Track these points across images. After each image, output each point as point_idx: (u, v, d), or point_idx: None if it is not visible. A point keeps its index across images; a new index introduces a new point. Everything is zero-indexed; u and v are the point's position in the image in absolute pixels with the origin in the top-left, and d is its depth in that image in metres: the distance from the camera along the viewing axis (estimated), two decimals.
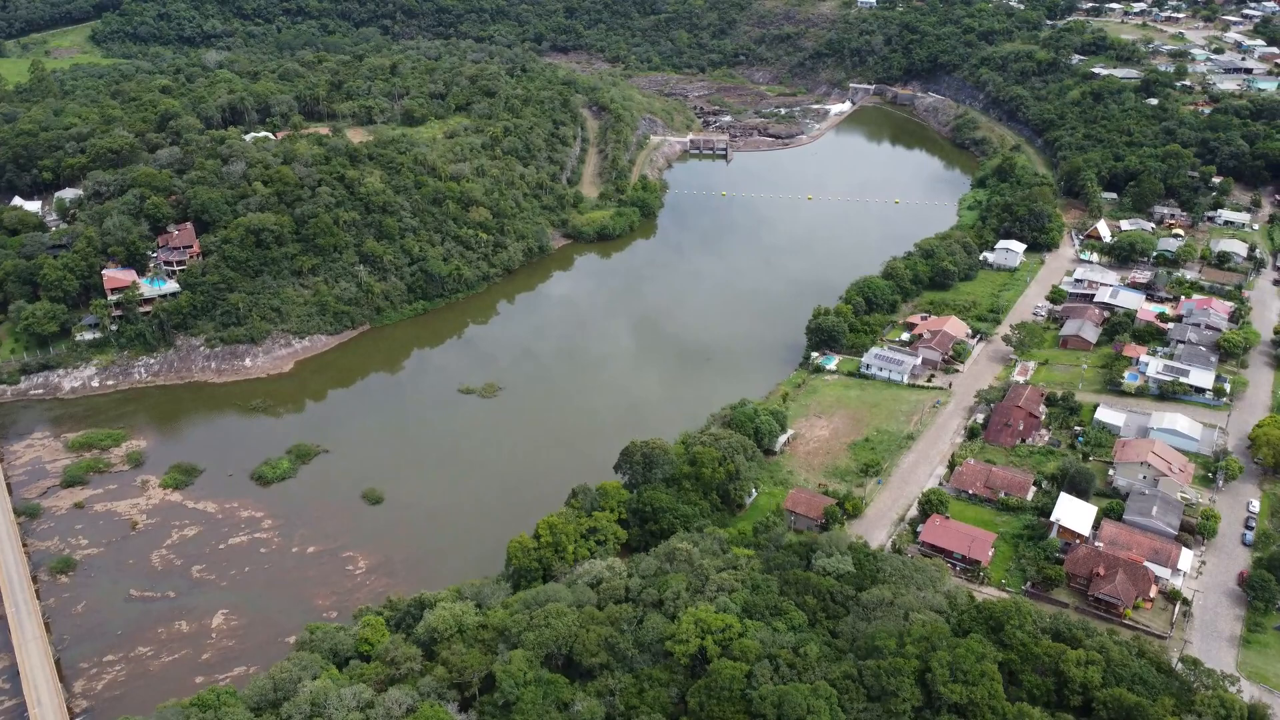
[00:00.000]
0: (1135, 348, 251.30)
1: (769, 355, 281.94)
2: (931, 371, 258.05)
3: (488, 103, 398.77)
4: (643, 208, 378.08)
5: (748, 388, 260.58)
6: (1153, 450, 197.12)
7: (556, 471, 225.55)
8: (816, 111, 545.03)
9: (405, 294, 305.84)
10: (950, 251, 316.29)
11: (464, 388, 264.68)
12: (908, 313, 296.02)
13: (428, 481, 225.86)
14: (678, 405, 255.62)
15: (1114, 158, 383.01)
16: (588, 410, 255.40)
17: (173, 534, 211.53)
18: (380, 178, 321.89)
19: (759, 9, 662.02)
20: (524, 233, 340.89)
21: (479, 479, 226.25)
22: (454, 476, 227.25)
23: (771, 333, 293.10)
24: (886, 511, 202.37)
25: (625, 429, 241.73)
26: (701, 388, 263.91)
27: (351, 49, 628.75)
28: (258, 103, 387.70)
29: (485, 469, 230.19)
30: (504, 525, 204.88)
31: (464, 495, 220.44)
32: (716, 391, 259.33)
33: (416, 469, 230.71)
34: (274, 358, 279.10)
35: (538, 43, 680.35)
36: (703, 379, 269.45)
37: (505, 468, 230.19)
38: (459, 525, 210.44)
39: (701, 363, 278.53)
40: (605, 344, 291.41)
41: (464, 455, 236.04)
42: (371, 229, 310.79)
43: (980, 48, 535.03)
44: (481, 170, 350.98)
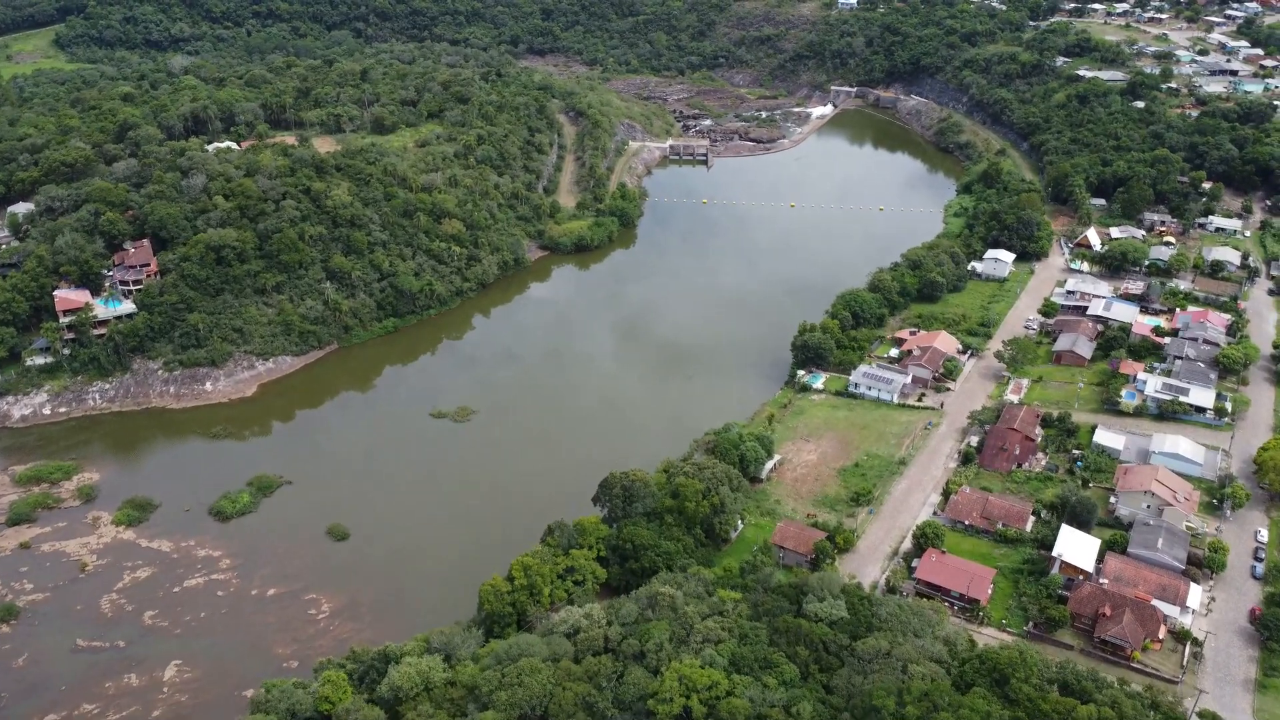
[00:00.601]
0: (1132, 364, 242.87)
1: (754, 373, 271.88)
2: (922, 390, 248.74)
3: (461, 110, 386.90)
4: (622, 217, 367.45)
5: (732, 408, 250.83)
6: (1156, 478, 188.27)
7: (532, 502, 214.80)
8: (798, 115, 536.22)
9: (375, 311, 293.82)
10: (938, 262, 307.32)
11: (436, 412, 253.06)
12: (896, 327, 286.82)
13: (396, 515, 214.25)
14: (659, 428, 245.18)
15: (1102, 163, 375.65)
16: (565, 434, 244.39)
17: (124, 576, 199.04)
18: (348, 190, 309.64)
19: (738, 10, 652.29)
20: (499, 245, 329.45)
21: (450, 511, 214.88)
22: (424, 509, 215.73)
23: (756, 348, 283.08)
24: (879, 544, 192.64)
25: (605, 454, 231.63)
26: (684, 409, 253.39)
27: (323, 53, 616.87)
28: (222, 111, 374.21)
29: (457, 500, 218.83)
30: (476, 562, 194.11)
31: (434, 529, 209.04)
32: (700, 413, 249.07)
33: (384, 501, 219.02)
34: (236, 381, 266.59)
35: (514, 45, 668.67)
36: (685, 400, 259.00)
37: (478, 499, 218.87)
38: (429, 563, 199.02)
39: (684, 382, 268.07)
40: (583, 362, 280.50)
41: (435, 485, 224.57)
42: (339, 244, 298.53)
43: (963, 49, 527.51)
44: (454, 180, 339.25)
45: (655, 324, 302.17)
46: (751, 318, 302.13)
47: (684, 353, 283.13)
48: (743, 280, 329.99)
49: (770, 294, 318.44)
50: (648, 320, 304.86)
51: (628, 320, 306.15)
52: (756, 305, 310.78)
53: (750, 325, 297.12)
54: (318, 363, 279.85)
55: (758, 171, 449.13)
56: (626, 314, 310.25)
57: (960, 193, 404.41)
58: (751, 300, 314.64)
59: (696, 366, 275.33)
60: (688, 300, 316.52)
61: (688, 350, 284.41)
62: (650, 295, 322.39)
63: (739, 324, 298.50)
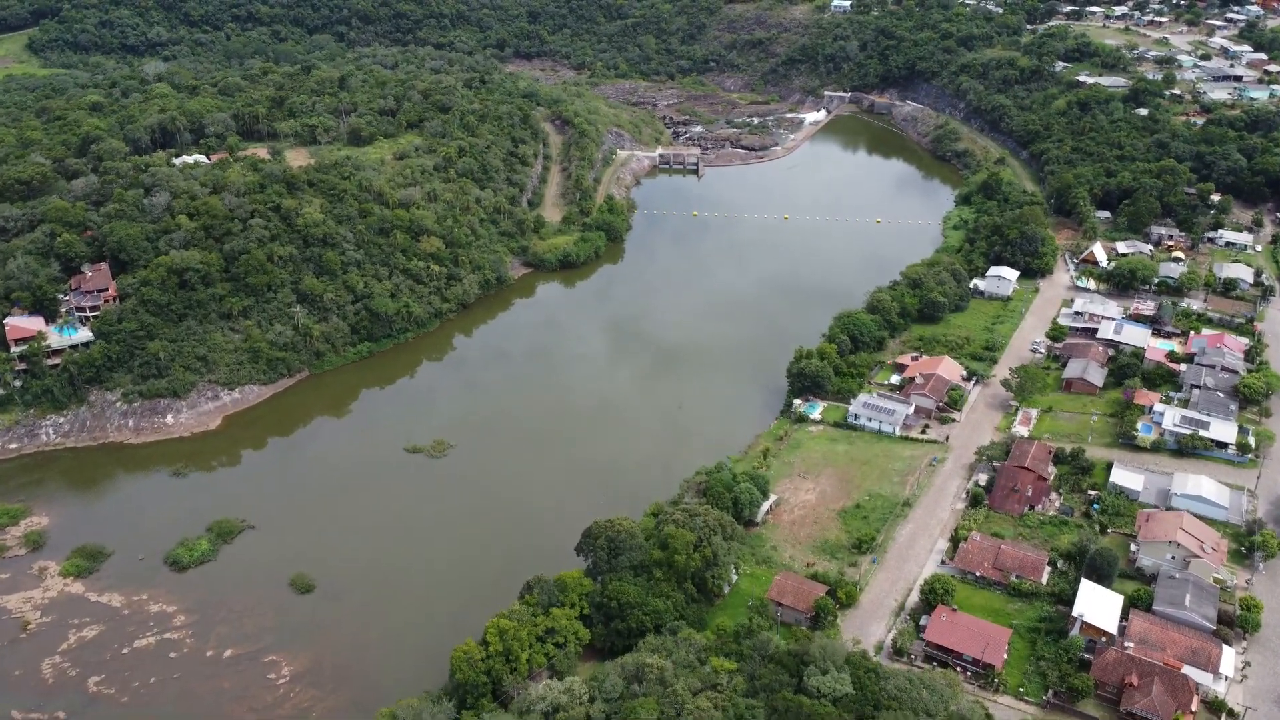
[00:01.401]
0: (1147, 394, 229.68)
1: (747, 401, 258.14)
2: (925, 421, 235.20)
3: (441, 120, 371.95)
4: (609, 231, 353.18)
5: (725, 440, 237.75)
6: (1181, 526, 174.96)
7: (511, 549, 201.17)
8: (790, 121, 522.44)
9: (348, 335, 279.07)
10: (939, 280, 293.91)
11: (410, 446, 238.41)
12: (896, 350, 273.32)
13: (364, 564, 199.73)
14: (648, 463, 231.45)
15: (1106, 173, 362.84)
16: (548, 469, 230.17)
17: (70, 636, 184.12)
18: (320, 207, 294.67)
19: (729, 14, 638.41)
20: (480, 263, 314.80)
21: (423, 560, 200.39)
22: (394, 557, 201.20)
23: (750, 374, 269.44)
24: (884, 598, 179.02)
25: (589, 492, 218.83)
26: (674, 442, 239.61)
27: (303, 58, 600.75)
28: (191, 122, 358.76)
29: (430, 547, 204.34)
30: (449, 620, 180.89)
31: (405, 581, 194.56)
32: (691, 446, 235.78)
33: (353, 548, 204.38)
34: (200, 413, 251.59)
35: (500, 49, 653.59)
36: (676, 432, 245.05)
37: (453, 545, 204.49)
38: (398, 621, 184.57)
39: (674, 412, 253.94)
40: (567, 390, 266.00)
41: (407, 530, 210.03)
42: (310, 264, 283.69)
43: (959, 54, 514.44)
44: (433, 195, 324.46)
45: (643, 348, 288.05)
46: (745, 341, 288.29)
47: (674, 379, 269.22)
48: (735, 300, 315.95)
49: (764, 315, 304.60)
50: (635, 344, 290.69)
51: (614, 344, 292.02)
52: (750, 327, 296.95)
53: (744, 349, 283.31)
54: (287, 392, 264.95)
55: (750, 181, 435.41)
56: (613, 337, 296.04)
57: (959, 204, 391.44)
58: (745, 321, 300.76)
59: (687, 395, 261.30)
60: (678, 322, 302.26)
61: (678, 377, 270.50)
62: (638, 316, 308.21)
63: (732, 348, 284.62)
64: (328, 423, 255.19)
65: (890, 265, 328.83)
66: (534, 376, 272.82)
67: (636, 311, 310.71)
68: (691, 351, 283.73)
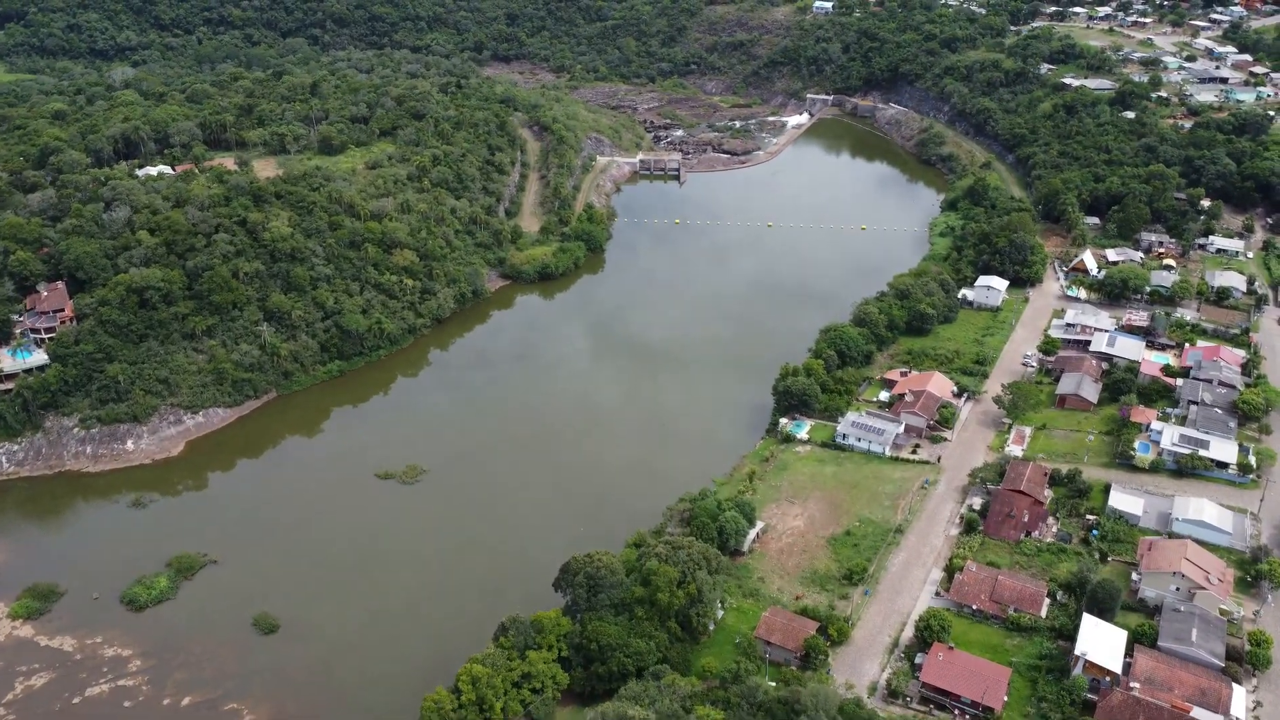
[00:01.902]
0: (1143, 410, 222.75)
1: (732, 419, 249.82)
2: (916, 441, 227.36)
3: (415, 127, 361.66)
4: (589, 241, 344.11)
5: (709, 461, 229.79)
6: (1186, 556, 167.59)
7: (486, 584, 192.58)
8: (773, 124, 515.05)
9: (318, 354, 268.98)
10: (927, 291, 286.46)
11: (382, 472, 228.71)
12: (885, 365, 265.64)
13: (333, 601, 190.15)
14: (630, 487, 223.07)
15: (1094, 178, 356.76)
16: (525, 495, 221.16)
17: (16, 685, 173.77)
18: (289, 220, 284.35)
19: (710, 15, 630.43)
20: (455, 276, 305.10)
21: (393, 596, 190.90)
22: (363, 594, 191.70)
23: (734, 390, 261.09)
24: (877, 634, 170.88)
25: (568, 520, 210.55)
26: (657, 464, 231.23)
27: (276, 62, 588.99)
28: (156, 132, 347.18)
29: (401, 582, 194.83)
30: (421, 662, 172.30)
31: (374, 620, 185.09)
32: (674, 468, 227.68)
33: (319, 584, 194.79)
34: (161, 438, 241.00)
35: (478, 52, 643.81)
36: (658, 453, 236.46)
37: (425, 580, 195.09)
38: (366, 664, 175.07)
39: (657, 432, 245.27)
40: (544, 408, 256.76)
41: (377, 563, 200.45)
42: (278, 280, 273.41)
43: (943, 56, 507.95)
44: (407, 206, 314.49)
45: (625, 364, 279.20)
46: (730, 355, 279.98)
47: (657, 397, 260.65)
48: (719, 313, 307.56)
49: (749, 327, 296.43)
50: (616, 359, 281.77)
51: (594, 360, 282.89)
52: (735, 341, 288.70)
53: (729, 364, 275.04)
54: (254, 414, 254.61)
55: (732, 187, 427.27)
56: (593, 353, 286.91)
57: (945, 209, 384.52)
58: (729, 335, 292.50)
59: (671, 414, 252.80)
60: (660, 336, 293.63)
61: (661, 395, 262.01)
62: (619, 330, 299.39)
63: (716, 363, 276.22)
64: (296, 447, 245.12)
65: (876, 274, 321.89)
66: (511, 395, 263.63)
67: (617, 326, 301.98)
68: (675, 367, 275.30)
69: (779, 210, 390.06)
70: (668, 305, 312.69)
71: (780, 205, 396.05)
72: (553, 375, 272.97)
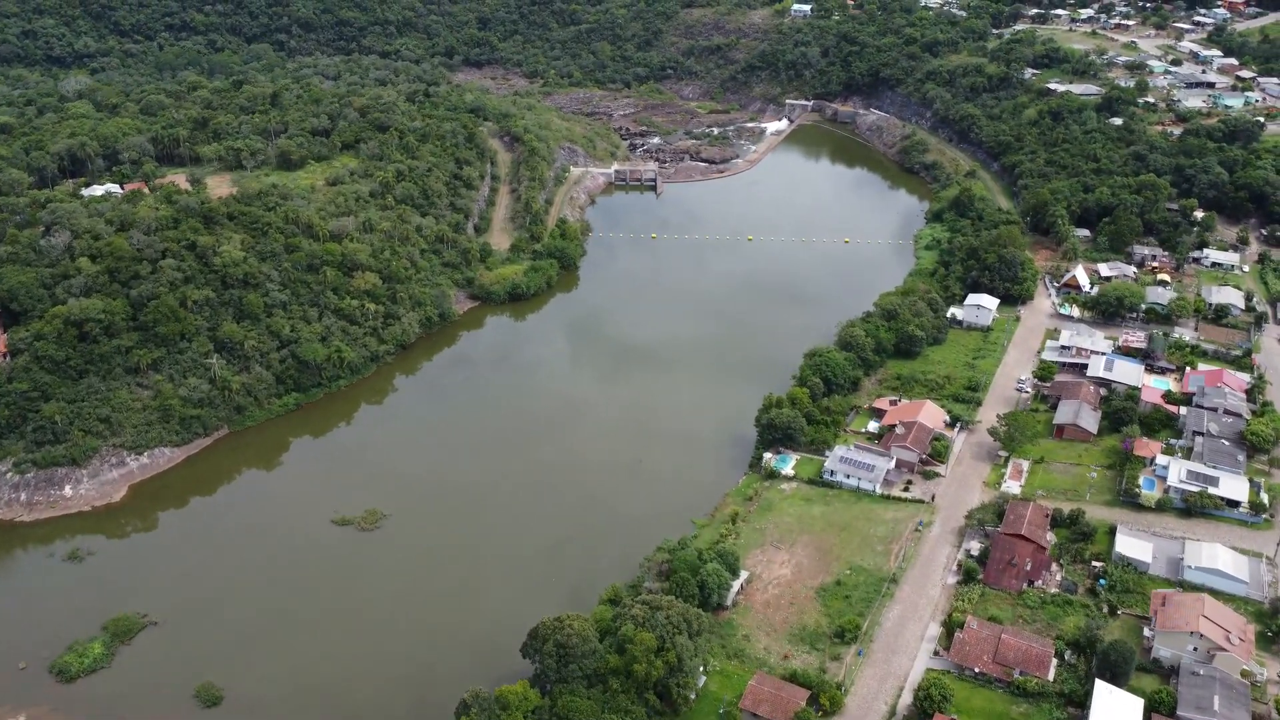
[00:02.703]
0: (1147, 443, 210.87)
1: (714, 452, 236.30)
2: (908, 477, 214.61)
3: (379, 140, 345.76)
4: (561, 259, 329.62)
5: (689, 499, 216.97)
6: (1204, 614, 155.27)
7: (448, 648, 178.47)
8: (752, 131, 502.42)
9: (273, 386, 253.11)
10: (915, 311, 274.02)
11: (339, 518, 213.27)
12: (872, 391, 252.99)
13: (282, 668, 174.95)
14: (605, 530, 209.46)
15: (1083, 189, 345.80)
16: (491, 542, 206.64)
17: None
18: (242, 243, 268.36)
19: (686, 19, 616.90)
20: (421, 299, 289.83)
21: (346, 663, 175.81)
22: (315, 661, 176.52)
23: (716, 419, 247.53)
24: (872, 701, 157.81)
25: (538, 570, 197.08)
26: (634, 503, 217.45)
27: (240, 68, 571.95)
28: (104, 147, 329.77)
29: (355, 646, 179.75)
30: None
31: (325, 692, 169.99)
32: (652, 508, 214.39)
33: (269, 649, 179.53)
34: (102, 482, 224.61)
35: (449, 57, 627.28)
36: (635, 492, 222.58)
37: (383, 644, 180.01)
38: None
39: (632, 467, 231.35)
40: (514, 442, 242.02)
41: (331, 625, 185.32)
42: (230, 308, 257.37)
43: (925, 60, 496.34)
44: (369, 225, 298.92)
45: (599, 393, 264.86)
46: (710, 380, 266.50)
47: (633, 429, 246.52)
48: (698, 334, 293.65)
49: (730, 350, 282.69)
50: (591, 389, 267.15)
51: (567, 388, 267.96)
52: (715, 364, 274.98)
53: (709, 390, 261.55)
54: (204, 453, 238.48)
55: (711, 198, 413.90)
56: (565, 380, 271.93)
57: (930, 221, 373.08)
58: (709, 358, 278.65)
59: (649, 446, 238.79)
60: (636, 363, 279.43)
61: (637, 426, 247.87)
62: (593, 355, 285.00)
63: (696, 389, 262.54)
64: (247, 489, 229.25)
65: (861, 290, 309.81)
66: (479, 427, 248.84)
67: (591, 350, 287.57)
68: (652, 394, 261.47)
69: (759, 222, 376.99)
70: (643, 329, 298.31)
71: (760, 217, 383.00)
72: (522, 408, 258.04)
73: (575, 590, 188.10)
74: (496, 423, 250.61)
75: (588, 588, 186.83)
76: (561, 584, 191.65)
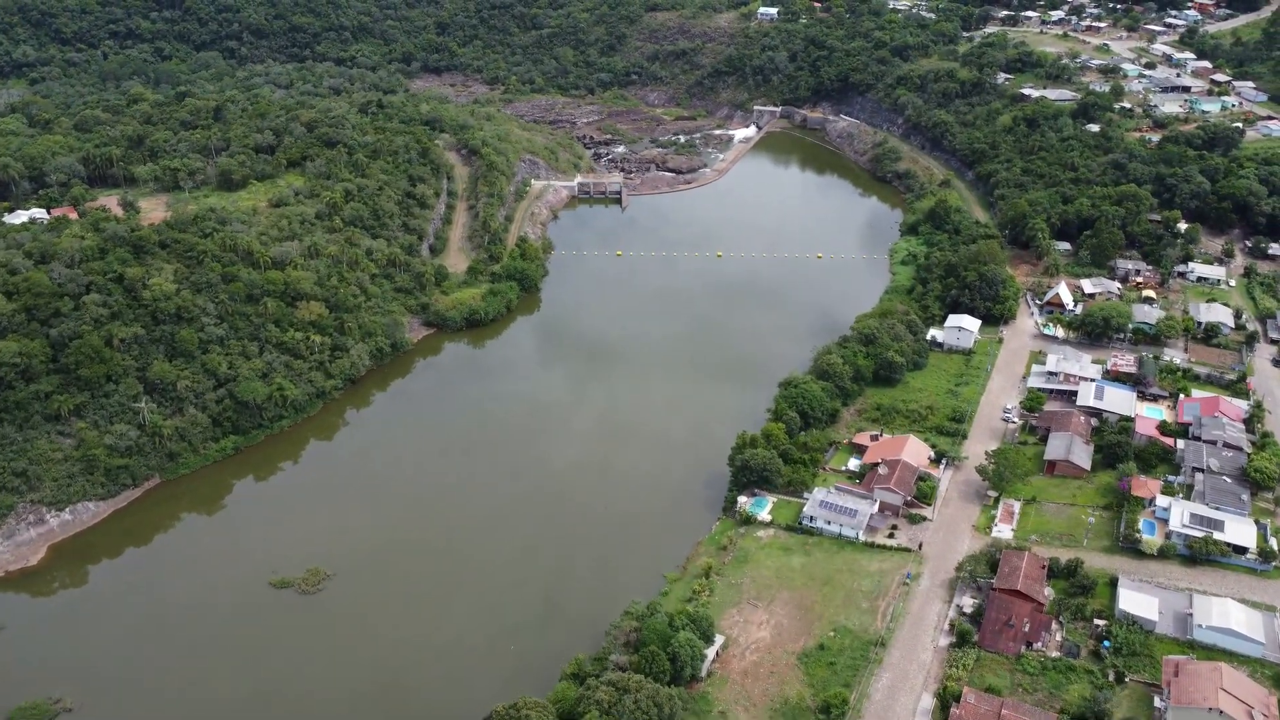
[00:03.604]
0: (1145, 482, 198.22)
1: (684, 494, 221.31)
2: (893, 521, 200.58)
3: (327, 157, 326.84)
4: (522, 280, 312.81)
5: (659, 548, 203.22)
6: (1222, 686, 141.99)
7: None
8: (719, 138, 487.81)
9: (209, 429, 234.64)
10: (894, 335, 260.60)
11: (278, 579, 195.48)
12: (852, 424, 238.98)
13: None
14: (569, 587, 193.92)
15: (1062, 199, 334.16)
16: (441, 603, 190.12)
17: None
18: (175, 274, 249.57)
19: (650, 22, 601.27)
20: (371, 328, 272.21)
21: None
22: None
23: (685, 457, 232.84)
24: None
25: (493, 636, 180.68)
26: (600, 554, 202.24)
27: (188, 77, 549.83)
28: (30, 169, 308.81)
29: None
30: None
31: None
32: (619, 560, 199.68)
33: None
34: (18, 544, 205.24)
35: (406, 64, 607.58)
36: (599, 541, 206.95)
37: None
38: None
39: (599, 515, 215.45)
40: (468, 487, 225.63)
41: (262, 707, 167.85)
42: (161, 346, 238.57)
43: (895, 65, 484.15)
44: (315, 250, 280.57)
45: (562, 427, 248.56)
46: (679, 413, 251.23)
47: (598, 468, 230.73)
48: (667, 361, 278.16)
49: (700, 379, 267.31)
50: (550, 424, 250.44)
51: (527, 423, 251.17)
52: (684, 396, 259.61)
53: (678, 425, 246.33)
54: (132, 507, 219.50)
55: (678, 210, 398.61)
56: (526, 415, 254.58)
57: (905, 233, 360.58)
58: (678, 389, 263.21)
59: (615, 488, 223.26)
60: (600, 390, 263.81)
61: (603, 464, 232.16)
62: (557, 386, 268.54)
63: (664, 424, 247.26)
64: (179, 547, 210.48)
65: (836, 310, 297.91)
66: (430, 471, 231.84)
67: (553, 381, 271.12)
68: (618, 430, 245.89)
69: (728, 237, 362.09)
70: (611, 351, 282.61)
71: (730, 231, 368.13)
72: (477, 445, 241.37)
73: (535, 660, 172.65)
74: (449, 462, 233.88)
75: (549, 657, 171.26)
76: (520, 652, 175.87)
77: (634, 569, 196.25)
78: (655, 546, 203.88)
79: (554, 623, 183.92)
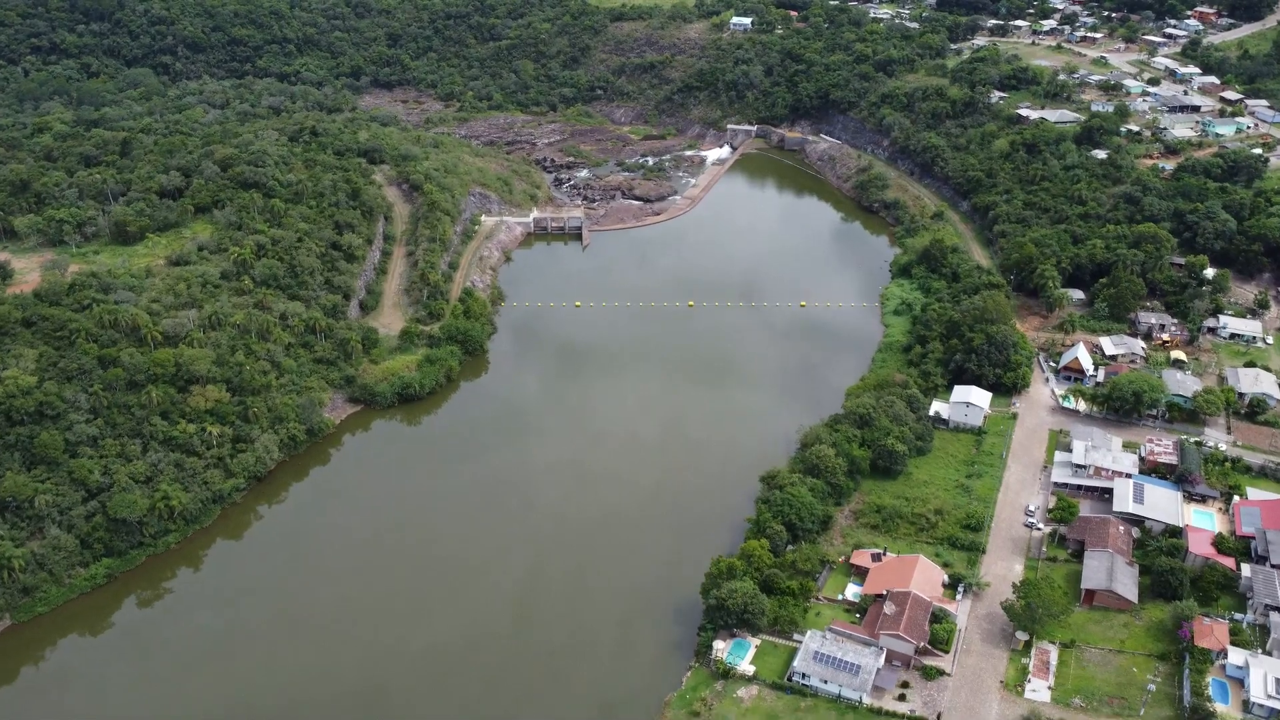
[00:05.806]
0: (1210, 628, 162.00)
1: (649, 632, 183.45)
2: (903, 676, 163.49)
3: (240, 203, 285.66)
4: (465, 342, 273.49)
5: (618, 702, 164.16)
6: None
7: None
8: (690, 160, 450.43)
9: (76, 553, 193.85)
10: (893, 415, 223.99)
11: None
12: (847, 531, 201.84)
13: None
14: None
15: (1071, 238, 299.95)
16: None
17: None
18: (39, 360, 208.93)
19: (616, 33, 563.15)
20: (282, 412, 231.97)
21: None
22: None
23: (652, 576, 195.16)
24: None
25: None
26: (544, 712, 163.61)
27: (113, 97, 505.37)
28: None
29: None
30: None
31: None
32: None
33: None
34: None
35: (355, 78, 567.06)
36: (547, 690, 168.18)
37: None
38: None
39: (547, 657, 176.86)
40: (389, 619, 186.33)
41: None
42: (16, 453, 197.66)
43: (879, 81, 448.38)
44: (217, 320, 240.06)
45: (505, 538, 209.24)
46: (645, 519, 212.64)
47: (548, 591, 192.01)
48: (631, 447, 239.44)
49: (668, 471, 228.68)
50: (490, 539, 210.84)
51: (456, 537, 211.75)
52: (651, 495, 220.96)
53: (643, 535, 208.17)
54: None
55: (646, 248, 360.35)
56: (452, 526, 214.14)
57: (897, 275, 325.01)
58: (644, 484, 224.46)
59: (568, 618, 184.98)
60: (555, 492, 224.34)
61: (553, 586, 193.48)
62: (499, 481, 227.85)
63: (626, 533, 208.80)
64: (29, 713, 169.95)
65: (823, 373, 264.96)
66: (346, 596, 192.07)
67: (496, 472, 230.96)
68: (572, 541, 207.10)
69: (701, 283, 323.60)
70: (563, 441, 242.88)
71: (702, 275, 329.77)
72: (405, 561, 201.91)
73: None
74: (369, 583, 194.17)
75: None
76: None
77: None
78: (614, 698, 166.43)
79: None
